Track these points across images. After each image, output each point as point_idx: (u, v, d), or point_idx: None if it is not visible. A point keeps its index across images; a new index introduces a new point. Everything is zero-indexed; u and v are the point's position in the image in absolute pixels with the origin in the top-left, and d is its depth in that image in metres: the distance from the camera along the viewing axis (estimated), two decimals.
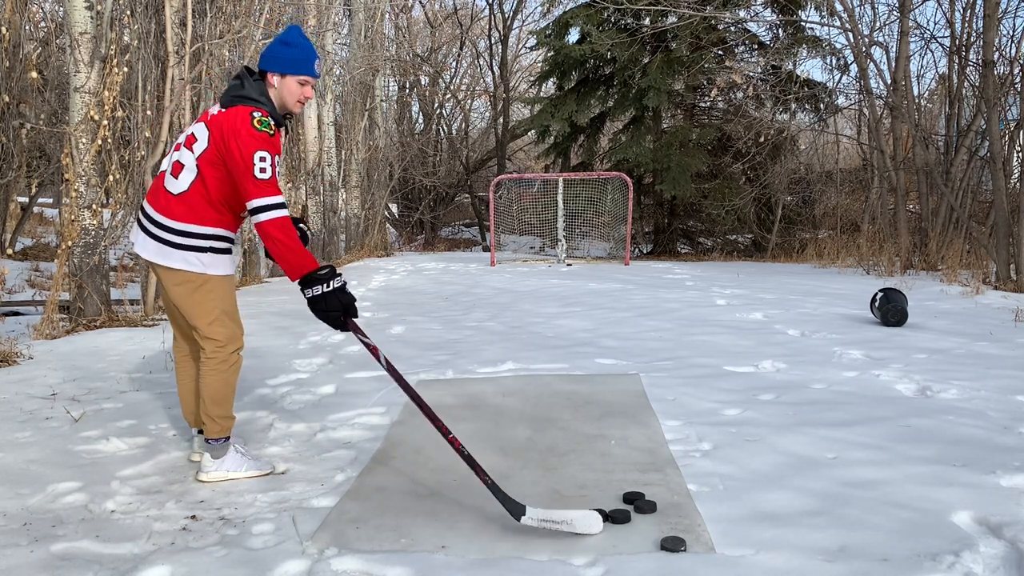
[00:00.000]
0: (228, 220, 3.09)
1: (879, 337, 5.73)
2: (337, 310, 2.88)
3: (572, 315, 6.89)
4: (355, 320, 2.96)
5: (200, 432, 3.30)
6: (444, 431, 2.83)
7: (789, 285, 9.17)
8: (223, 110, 3.00)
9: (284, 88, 3.06)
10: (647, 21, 15.80)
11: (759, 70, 15.95)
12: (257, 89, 3.02)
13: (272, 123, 2.97)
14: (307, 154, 12.16)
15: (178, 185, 3.01)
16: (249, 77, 3.05)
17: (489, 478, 2.73)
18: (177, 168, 3.03)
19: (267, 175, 2.89)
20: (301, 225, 3.20)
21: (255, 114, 2.93)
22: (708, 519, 2.66)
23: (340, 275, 2.92)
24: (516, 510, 2.63)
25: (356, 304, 2.95)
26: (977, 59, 10.33)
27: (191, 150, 3.02)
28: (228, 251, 3.12)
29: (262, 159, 2.88)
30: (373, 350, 2.96)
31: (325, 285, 2.85)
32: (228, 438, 3.14)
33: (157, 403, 4.10)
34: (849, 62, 14.33)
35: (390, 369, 2.98)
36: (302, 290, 2.90)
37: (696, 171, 15.13)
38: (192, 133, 3.06)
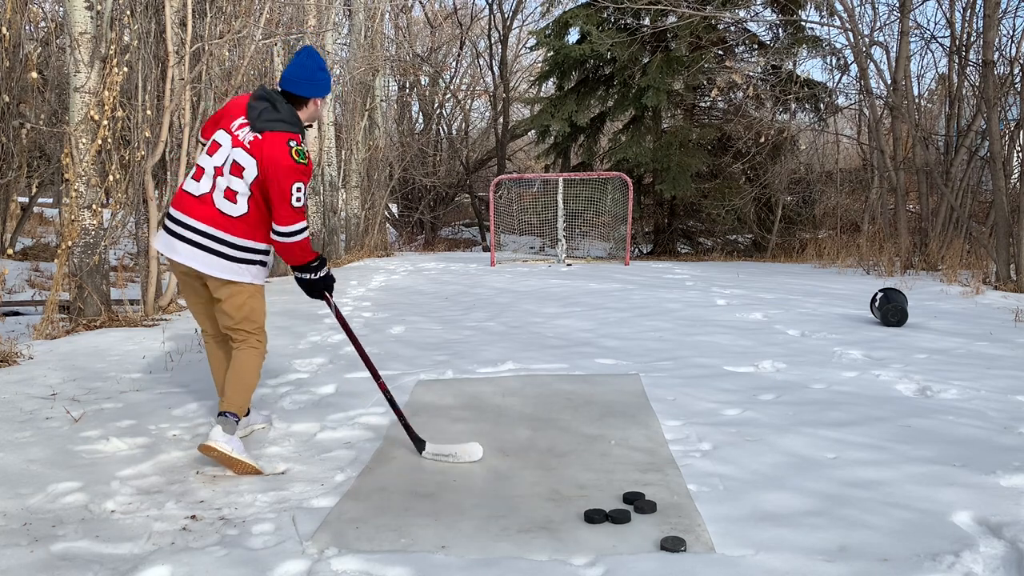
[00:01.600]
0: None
1: (879, 337, 5.73)
2: (319, 289, 3.43)
3: (572, 315, 6.89)
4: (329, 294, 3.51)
5: None
6: (375, 375, 3.51)
7: (789, 285, 9.17)
8: (258, 136, 3.19)
9: (320, 108, 3.40)
10: (647, 21, 15.80)
11: (759, 70, 15.95)
12: (290, 113, 3.26)
13: (307, 150, 3.23)
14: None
15: (237, 208, 3.22)
16: (281, 100, 3.25)
17: (404, 418, 3.44)
18: (232, 194, 3.22)
19: (301, 203, 3.19)
20: None
21: (292, 143, 3.19)
22: (708, 519, 2.66)
23: (326, 263, 3.45)
24: (419, 446, 3.35)
25: (334, 283, 3.49)
26: (977, 59, 10.33)
27: (240, 177, 3.20)
28: (267, 263, 3.44)
29: (298, 190, 3.19)
30: (330, 305, 3.50)
31: (314, 274, 3.38)
32: (239, 420, 3.27)
33: (157, 403, 4.10)
34: (849, 62, 14.33)
35: (338, 316, 3.54)
36: (297, 271, 3.38)
37: (696, 171, 15.12)
38: (235, 161, 3.21)
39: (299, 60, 3.34)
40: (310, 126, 3.51)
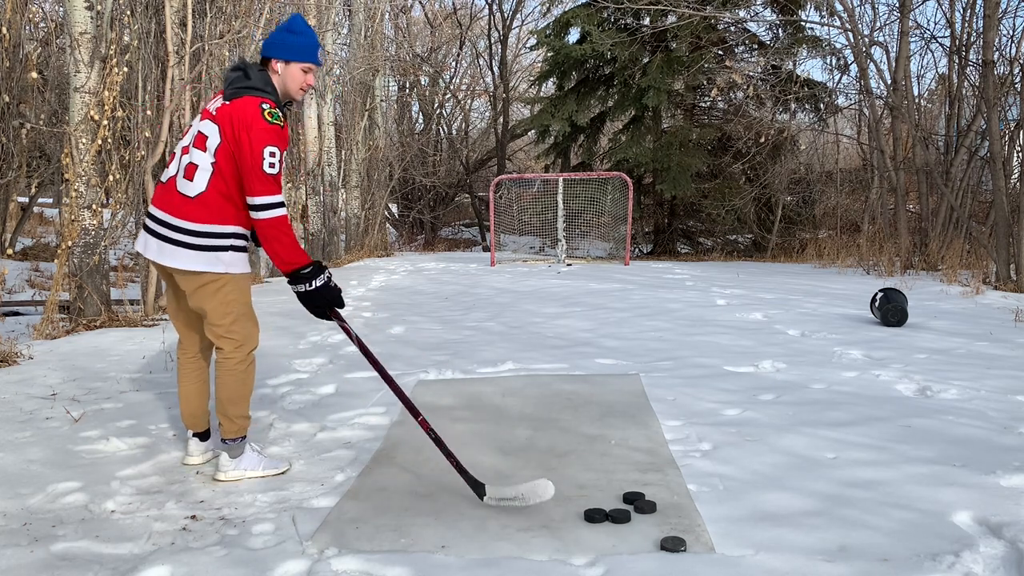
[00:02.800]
0: (245, 217, 3.04)
1: (879, 337, 5.73)
2: (322, 304, 3.00)
3: (572, 315, 6.89)
4: (339, 311, 3.07)
5: (196, 435, 3.31)
6: (415, 413, 3.04)
7: (789, 285, 9.17)
8: (227, 103, 2.97)
9: (288, 75, 3.07)
10: (647, 21, 15.81)
11: (759, 70, 15.95)
12: (262, 79, 3.01)
13: (280, 114, 2.98)
14: (307, 154, 12.16)
15: (195, 187, 2.96)
16: (251, 67, 3.04)
17: (455, 459, 2.94)
18: (191, 170, 2.97)
19: (275, 170, 2.91)
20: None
21: (264, 105, 2.93)
22: (708, 519, 2.66)
23: (325, 271, 3.00)
24: (479, 491, 2.85)
25: (342, 296, 3.06)
26: (977, 59, 10.33)
27: (203, 149, 2.96)
28: (245, 249, 3.11)
29: (272, 154, 2.90)
30: (348, 333, 3.07)
31: (308, 284, 2.94)
32: (245, 437, 3.14)
33: (157, 403, 4.10)
34: (849, 62, 14.34)
35: (363, 350, 3.10)
36: (290, 283, 2.98)
37: (696, 171, 15.13)
38: (199, 132, 3.01)
39: (279, 25, 3.16)
40: (288, 105, 3.19)
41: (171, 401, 4.12)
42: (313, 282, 2.94)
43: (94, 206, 6.21)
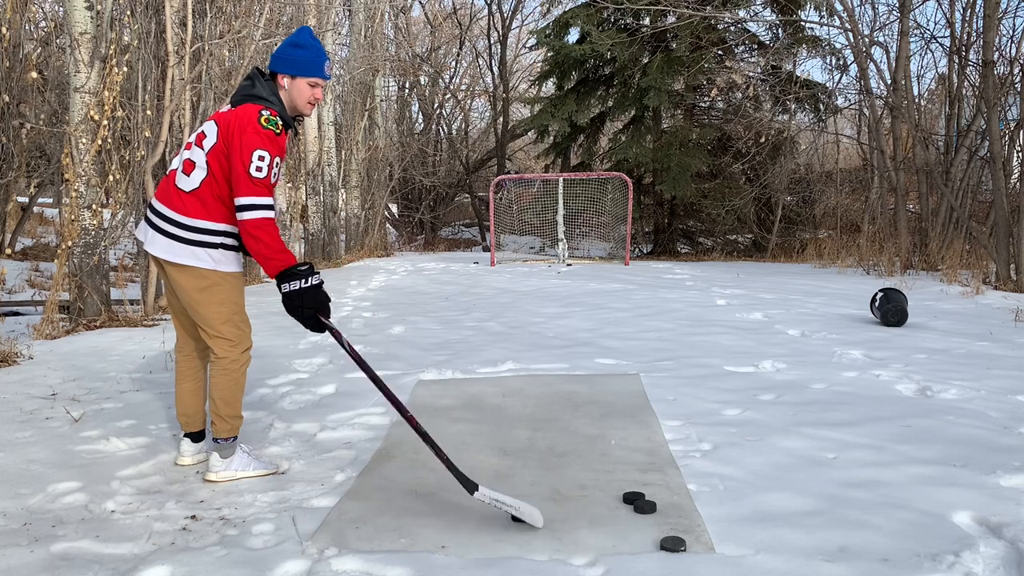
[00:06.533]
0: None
1: (879, 337, 5.73)
2: (312, 307, 2.88)
3: (572, 315, 6.89)
4: (328, 320, 2.96)
5: (187, 436, 3.32)
6: (403, 411, 2.90)
7: (789, 285, 9.17)
8: (232, 108, 3.03)
9: (294, 90, 3.08)
10: (647, 21, 15.81)
11: (759, 70, 15.95)
12: (268, 89, 3.04)
13: (279, 123, 2.99)
14: (307, 154, 12.16)
15: (190, 182, 3.01)
16: (260, 77, 3.08)
17: (445, 455, 2.79)
18: (189, 166, 3.02)
19: (262, 174, 2.89)
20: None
21: (263, 112, 2.95)
22: (708, 519, 2.66)
23: (318, 273, 2.94)
24: (470, 486, 2.70)
25: (331, 305, 2.98)
26: (977, 59, 10.34)
27: (201, 147, 3.01)
28: (237, 248, 3.11)
29: (260, 158, 2.89)
30: (339, 339, 2.99)
31: (304, 281, 2.85)
32: (236, 438, 3.16)
33: (157, 403, 4.10)
34: (849, 62, 14.34)
35: (355, 358, 3.02)
36: (279, 285, 2.89)
37: (696, 171, 15.13)
38: (202, 131, 3.08)
39: (286, 39, 3.18)
40: (299, 119, 3.24)
41: (171, 401, 4.11)
42: (309, 279, 2.86)
43: (94, 206, 6.21)
